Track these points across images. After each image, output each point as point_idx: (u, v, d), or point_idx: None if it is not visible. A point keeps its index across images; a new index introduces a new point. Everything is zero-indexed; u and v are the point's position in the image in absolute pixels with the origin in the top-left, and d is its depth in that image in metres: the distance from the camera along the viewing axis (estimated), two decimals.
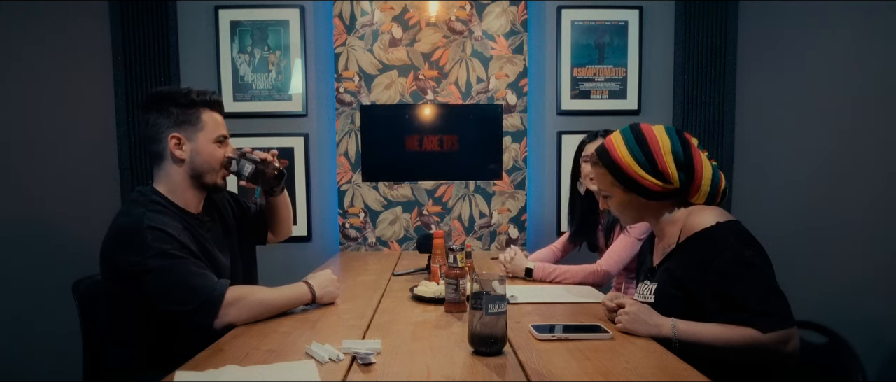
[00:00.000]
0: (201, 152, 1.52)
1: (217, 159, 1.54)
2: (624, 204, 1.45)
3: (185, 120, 1.50)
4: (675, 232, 1.40)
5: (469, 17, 2.81)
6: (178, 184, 1.52)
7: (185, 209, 1.52)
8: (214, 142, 1.54)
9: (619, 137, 1.42)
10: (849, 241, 2.28)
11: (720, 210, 1.38)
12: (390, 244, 2.86)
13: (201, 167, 1.52)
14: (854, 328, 1.46)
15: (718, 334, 1.24)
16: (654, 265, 1.47)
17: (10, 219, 2.66)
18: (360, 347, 1.18)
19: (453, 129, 2.84)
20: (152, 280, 1.34)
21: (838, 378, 1.31)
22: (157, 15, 2.72)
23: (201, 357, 1.16)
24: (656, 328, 1.28)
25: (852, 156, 2.28)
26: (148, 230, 1.35)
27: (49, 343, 2.64)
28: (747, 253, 1.27)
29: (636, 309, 1.32)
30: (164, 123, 1.50)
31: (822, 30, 2.42)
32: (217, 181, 1.56)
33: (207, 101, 1.54)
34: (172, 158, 1.50)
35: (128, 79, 2.72)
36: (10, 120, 2.65)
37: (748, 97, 2.83)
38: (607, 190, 1.46)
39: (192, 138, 1.51)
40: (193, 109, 1.51)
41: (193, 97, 1.51)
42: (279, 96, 2.83)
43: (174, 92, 1.52)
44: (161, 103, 1.50)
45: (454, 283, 1.51)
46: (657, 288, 1.39)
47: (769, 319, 1.21)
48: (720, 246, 1.28)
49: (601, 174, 1.45)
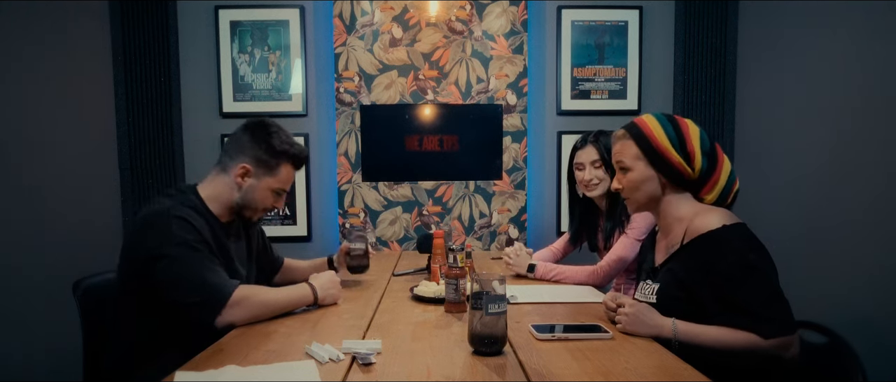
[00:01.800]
0: (257, 191, 1.56)
1: (266, 205, 1.60)
2: (642, 181, 1.40)
3: (265, 161, 1.55)
4: (681, 231, 1.38)
5: (469, 17, 2.81)
6: (220, 197, 1.56)
7: (217, 216, 1.55)
8: (274, 191, 1.59)
9: (650, 116, 1.42)
10: (849, 241, 2.28)
11: (728, 212, 1.36)
12: (390, 244, 2.86)
13: (248, 203, 1.57)
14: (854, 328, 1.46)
15: (718, 337, 1.23)
16: (656, 265, 1.47)
17: (11, 219, 2.66)
18: (360, 347, 1.18)
19: (453, 129, 2.84)
20: (165, 267, 1.35)
21: (838, 378, 1.31)
22: (157, 15, 2.72)
23: (201, 357, 1.16)
24: (656, 328, 1.28)
25: (852, 156, 2.28)
26: (173, 219, 1.38)
27: (49, 343, 2.64)
28: (752, 257, 1.26)
29: (636, 310, 1.31)
30: (248, 149, 1.55)
31: (822, 30, 2.42)
32: (253, 219, 1.62)
33: (295, 157, 1.60)
34: (231, 178, 1.55)
35: (128, 79, 2.73)
36: (10, 120, 2.65)
37: (748, 97, 2.83)
38: (630, 162, 1.41)
39: (259, 177, 1.56)
40: (278, 158, 1.57)
41: (285, 147, 1.57)
42: (279, 96, 2.83)
43: (274, 132, 1.57)
44: (259, 133, 1.56)
45: (454, 283, 1.51)
46: (659, 289, 1.38)
47: (771, 325, 1.21)
48: (725, 248, 1.27)
49: (627, 146, 1.42)
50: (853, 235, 2.26)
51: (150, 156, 2.76)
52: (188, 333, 1.40)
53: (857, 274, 2.23)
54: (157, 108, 2.76)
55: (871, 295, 2.18)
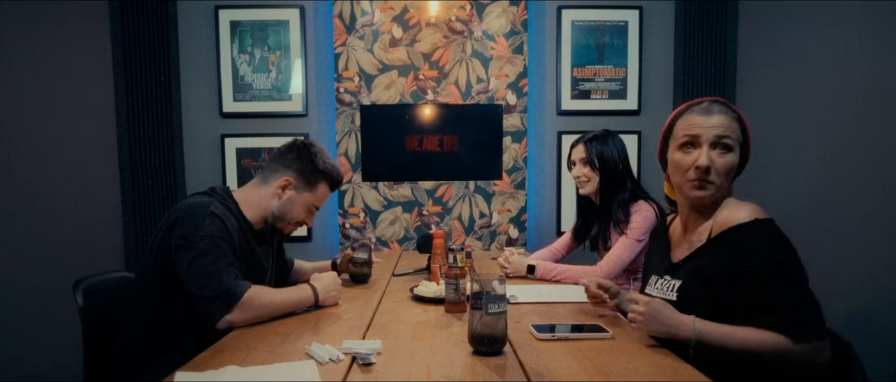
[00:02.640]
0: (294, 205, 1.66)
1: (298, 220, 1.68)
2: (733, 166, 1.29)
3: (307, 178, 1.66)
4: (706, 226, 1.30)
5: (469, 17, 2.81)
6: (257, 205, 1.63)
7: (250, 221, 1.62)
8: (308, 208, 1.69)
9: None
10: (849, 241, 2.28)
11: (757, 207, 1.25)
12: (390, 244, 2.86)
13: (284, 214, 1.65)
14: (854, 328, 1.46)
15: (745, 338, 1.14)
16: (675, 261, 1.36)
17: (11, 219, 2.66)
18: (360, 347, 1.18)
19: (453, 129, 2.84)
20: (189, 257, 1.40)
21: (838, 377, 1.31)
22: (157, 15, 2.72)
23: (201, 357, 1.16)
24: (674, 328, 1.17)
25: (852, 156, 2.28)
26: (210, 215, 1.45)
27: (49, 343, 2.64)
28: (782, 256, 1.18)
29: (652, 308, 1.20)
30: (293, 165, 1.66)
31: (822, 30, 2.42)
32: (285, 230, 1.69)
33: (333, 178, 1.72)
34: (270, 188, 1.64)
35: (128, 79, 2.73)
36: (10, 119, 2.65)
37: (748, 97, 2.83)
38: (734, 143, 1.28)
39: (299, 191, 1.66)
40: (319, 176, 1.68)
41: (329, 168, 1.69)
42: (279, 96, 2.83)
43: (317, 152, 1.69)
44: (305, 151, 1.68)
45: (454, 283, 1.51)
46: (681, 286, 1.28)
47: (802, 327, 1.13)
48: (755, 244, 1.18)
49: (732, 126, 1.29)
50: (853, 235, 2.26)
51: (150, 156, 2.76)
52: (190, 333, 1.40)
53: (857, 274, 2.23)
54: (157, 108, 2.76)
55: (871, 294, 2.18)
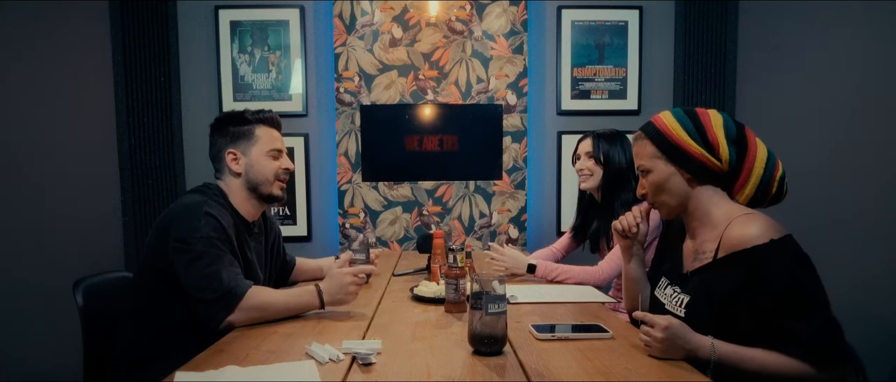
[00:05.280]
0: (255, 164, 1.60)
1: (271, 170, 1.61)
2: (664, 181, 1.28)
3: (240, 136, 1.60)
4: (713, 238, 1.24)
5: (469, 17, 2.81)
6: (236, 193, 1.61)
7: (242, 214, 1.61)
8: (268, 154, 1.61)
9: (667, 112, 1.32)
10: (848, 241, 2.29)
11: (770, 222, 1.17)
12: (390, 244, 2.86)
13: (256, 178, 1.60)
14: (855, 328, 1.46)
15: (765, 362, 1.11)
16: (684, 271, 1.32)
17: (11, 219, 2.66)
18: (360, 347, 1.18)
19: (453, 129, 2.84)
20: (186, 260, 1.39)
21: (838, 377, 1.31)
22: (157, 15, 2.72)
23: (201, 357, 1.16)
24: (693, 351, 1.13)
25: (852, 156, 2.28)
26: (205, 215, 1.44)
27: (49, 343, 2.64)
28: (801, 277, 1.12)
29: (671, 334, 1.13)
30: (222, 142, 1.61)
31: (822, 30, 2.42)
32: (273, 191, 1.63)
33: (262, 118, 1.63)
34: (230, 172, 1.61)
35: (128, 79, 2.72)
36: (10, 119, 2.65)
37: (748, 97, 2.83)
38: (648, 163, 1.29)
39: (246, 152, 1.60)
40: (248, 126, 1.61)
41: (248, 116, 1.61)
42: (279, 96, 2.83)
43: (231, 113, 1.64)
44: (220, 124, 1.63)
45: (454, 283, 1.51)
46: (689, 302, 1.23)
47: (825, 354, 1.10)
48: (774, 268, 1.12)
49: (643, 146, 1.30)
50: (853, 235, 2.26)
51: (150, 156, 2.76)
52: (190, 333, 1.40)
53: (857, 274, 2.23)
54: (157, 108, 2.76)
55: (871, 294, 2.18)
